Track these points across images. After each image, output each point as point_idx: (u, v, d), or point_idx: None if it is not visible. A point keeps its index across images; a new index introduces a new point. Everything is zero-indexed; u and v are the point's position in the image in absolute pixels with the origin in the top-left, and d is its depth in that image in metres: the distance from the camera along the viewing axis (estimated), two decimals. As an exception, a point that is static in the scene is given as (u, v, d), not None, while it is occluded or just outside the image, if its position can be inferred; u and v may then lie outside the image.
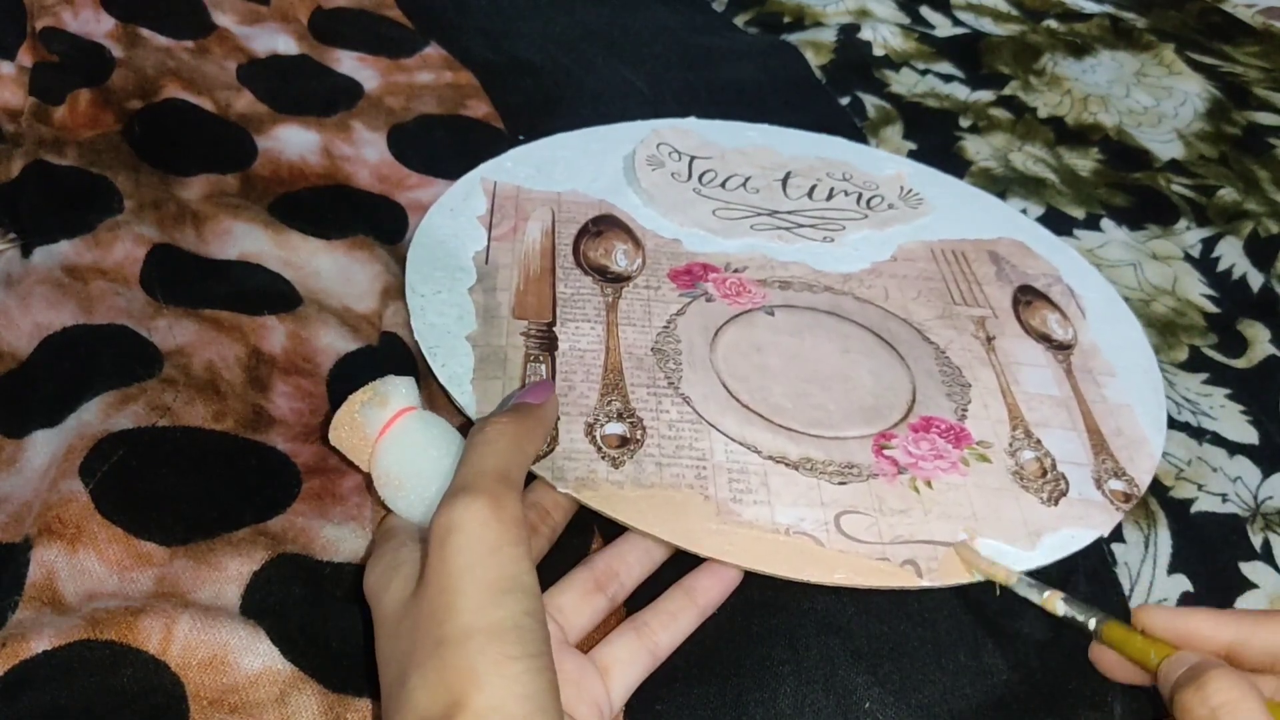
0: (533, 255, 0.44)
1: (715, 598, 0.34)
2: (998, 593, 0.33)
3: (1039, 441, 0.39)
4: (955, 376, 0.41)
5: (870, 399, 0.39)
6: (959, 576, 0.34)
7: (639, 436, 0.36)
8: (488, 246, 0.44)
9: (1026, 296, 0.46)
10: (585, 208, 0.48)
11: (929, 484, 0.36)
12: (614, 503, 0.34)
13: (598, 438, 0.36)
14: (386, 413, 0.32)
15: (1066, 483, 0.37)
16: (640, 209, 0.48)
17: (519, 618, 0.25)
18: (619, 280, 0.43)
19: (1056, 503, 0.36)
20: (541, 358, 0.39)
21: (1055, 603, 0.32)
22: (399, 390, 0.32)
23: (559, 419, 0.36)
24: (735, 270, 0.45)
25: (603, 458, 0.35)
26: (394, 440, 0.31)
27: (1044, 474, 0.37)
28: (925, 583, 0.33)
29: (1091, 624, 0.31)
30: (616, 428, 0.36)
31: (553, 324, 0.40)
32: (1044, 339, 0.44)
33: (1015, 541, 0.35)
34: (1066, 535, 0.36)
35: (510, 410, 0.32)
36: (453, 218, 0.45)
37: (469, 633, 0.25)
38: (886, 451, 0.37)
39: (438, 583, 0.26)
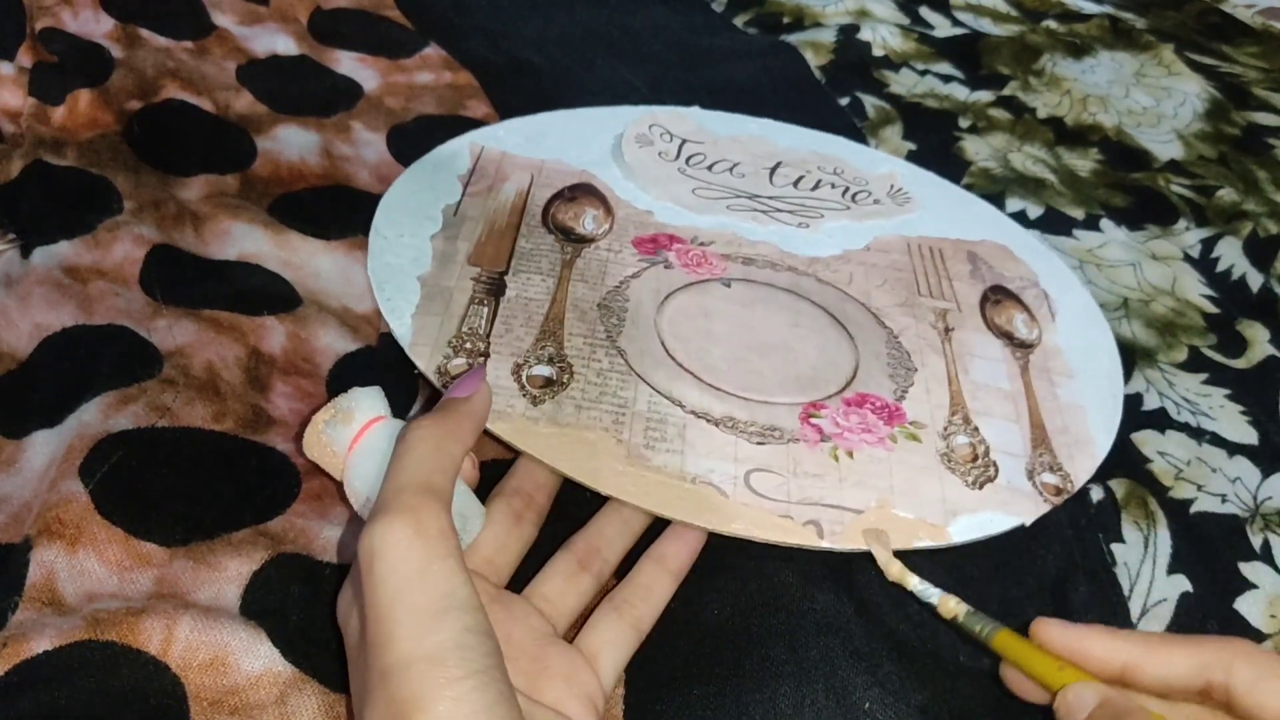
0: (501, 212, 0.45)
1: (685, 560, 0.34)
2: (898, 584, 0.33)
3: (976, 429, 0.38)
4: (903, 360, 0.41)
5: (808, 370, 0.39)
6: (863, 542, 0.33)
7: (564, 380, 0.37)
8: (460, 200, 0.45)
9: (996, 295, 0.46)
10: (565, 175, 0.48)
11: (850, 454, 0.36)
12: (525, 436, 0.34)
13: (523, 377, 0.36)
14: (353, 427, 0.31)
15: (996, 469, 0.37)
16: (620, 181, 0.49)
17: (459, 636, 0.25)
18: (581, 241, 0.44)
19: (981, 487, 0.36)
20: (486, 301, 0.39)
21: (949, 605, 0.31)
22: (363, 403, 0.32)
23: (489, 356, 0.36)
24: (701, 244, 0.45)
25: (524, 395, 0.35)
26: (362, 455, 0.31)
27: (974, 459, 0.37)
28: (826, 544, 0.33)
29: (985, 631, 0.30)
30: (544, 370, 0.37)
31: (505, 273, 0.41)
32: (1006, 336, 0.44)
33: (928, 516, 0.35)
34: (985, 518, 0.35)
35: (435, 410, 0.31)
36: (433, 173, 0.46)
37: (408, 661, 0.24)
38: (813, 420, 0.37)
39: (373, 613, 0.25)
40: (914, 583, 0.32)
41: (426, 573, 0.25)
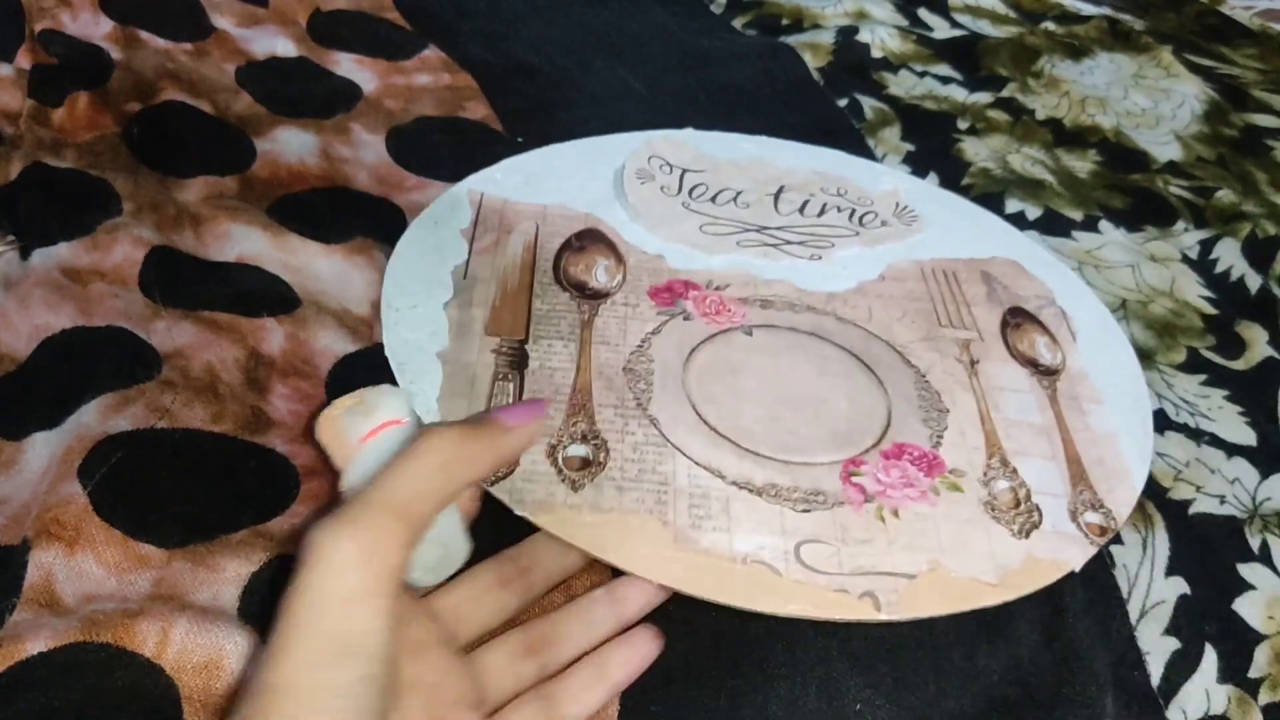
0: (512, 270, 0.44)
1: (629, 672, 0.32)
2: None
3: (1015, 471, 0.38)
4: (934, 401, 0.41)
5: (843, 424, 0.39)
6: (920, 610, 0.33)
7: (601, 459, 0.36)
8: (468, 260, 0.44)
9: (1016, 319, 0.45)
10: (571, 221, 0.47)
11: (896, 513, 0.36)
12: (570, 528, 0.33)
13: (559, 460, 0.35)
14: (370, 422, 0.31)
15: (1040, 514, 0.37)
16: (627, 224, 0.48)
17: (351, 683, 0.23)
18: (597, 297, 0.43)
19: (1028, 535, 0.36)
20: (510, 376, 0.38)
21: None
22: (387, 401, 0.31)
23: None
24: (717, 288, 0.45)
25: (563, 480, 0.35)
26: (371, 452, 0.30)
27: (1017, 505, 0.37)
28: (884, 616, 0.33)
29: None
30: (579, 450, 0.36)
31: (525, 341, 0.40)
32: (1031, 363, 0.43)
33: (980, 574, 0.34)
34: (1035, 572, 0.35)
35: (468, 423, 0.29)
36: (435, 230, 0.45)
37: (287, 687, 0.23)
38: (855, 479, 0.37)
39: (283, 618, 0.24)
40: None
41: (351, 605, 0.24)
